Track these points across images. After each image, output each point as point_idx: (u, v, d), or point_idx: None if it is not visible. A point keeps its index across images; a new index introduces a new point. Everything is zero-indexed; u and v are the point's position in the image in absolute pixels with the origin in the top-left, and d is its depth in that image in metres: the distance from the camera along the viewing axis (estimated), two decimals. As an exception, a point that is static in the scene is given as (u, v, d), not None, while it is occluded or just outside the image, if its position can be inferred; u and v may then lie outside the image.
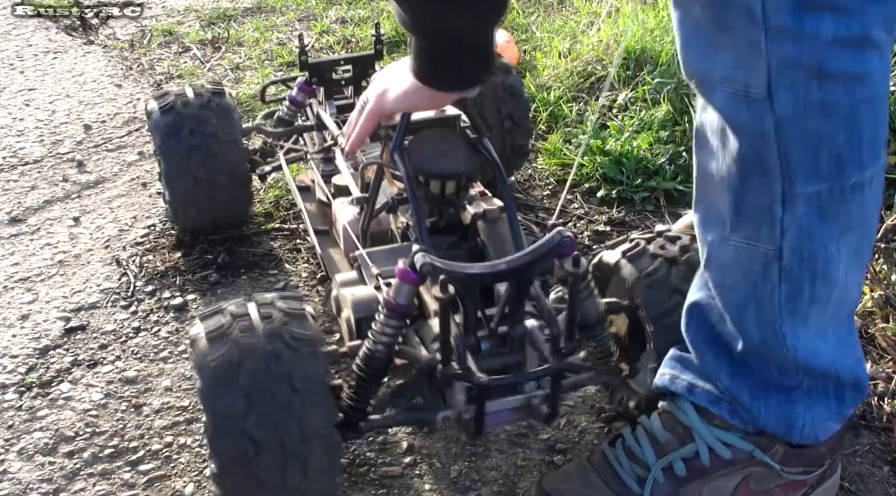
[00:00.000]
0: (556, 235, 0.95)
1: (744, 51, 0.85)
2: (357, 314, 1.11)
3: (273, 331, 0.98)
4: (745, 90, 0.87)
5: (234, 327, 0.99)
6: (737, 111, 0.89)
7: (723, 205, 0.96)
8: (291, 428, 0.96)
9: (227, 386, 0.96)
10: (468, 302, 0.97)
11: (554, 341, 0.98)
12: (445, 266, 0.93)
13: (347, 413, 1.04)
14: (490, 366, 1.01)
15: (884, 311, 1.44)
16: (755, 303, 0.97)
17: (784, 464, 1.04)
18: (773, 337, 0.97)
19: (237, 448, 0.96)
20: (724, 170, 0.94)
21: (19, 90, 2.66)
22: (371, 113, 1.18)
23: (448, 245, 1.22)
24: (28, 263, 1.77)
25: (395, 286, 0.98)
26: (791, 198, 0.90)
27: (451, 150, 1.17)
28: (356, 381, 1.03)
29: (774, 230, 0.92)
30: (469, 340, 0.98)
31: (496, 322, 1.01)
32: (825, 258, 0.93)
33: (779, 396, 1.01)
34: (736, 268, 0.97)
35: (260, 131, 1.77)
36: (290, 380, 0.97)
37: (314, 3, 3.21)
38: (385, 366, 1.02)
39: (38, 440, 1.32)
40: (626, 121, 2.09)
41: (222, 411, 0.96)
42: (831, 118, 0.87)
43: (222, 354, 0.97)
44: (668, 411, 1.08)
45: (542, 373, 1.01)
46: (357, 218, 1.32)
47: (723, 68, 0.88)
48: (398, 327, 1.00)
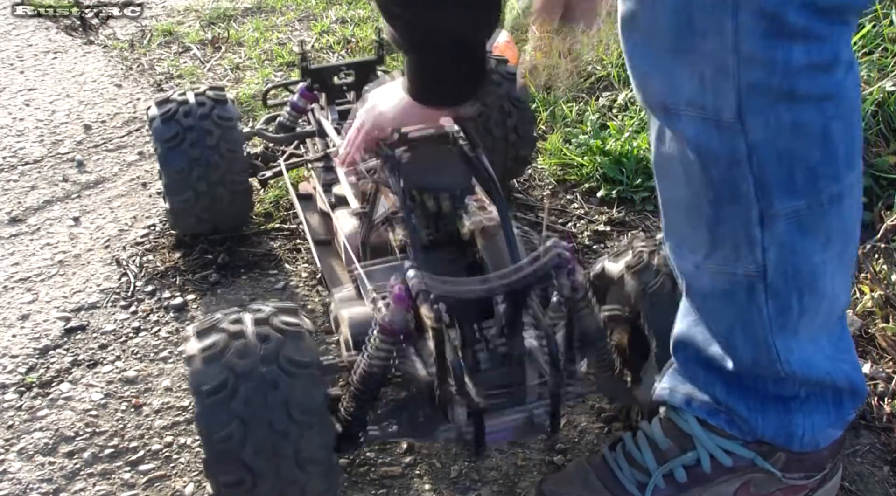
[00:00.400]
0: (553, 257, 0.95)
1: (711, 76, 0.83)
2: (355, 334, 1.10)
3: (270, 355, 0.96)
4: (714, 115, 0.85)
5: (229, 349, 0.97)
6: (706, 137, 0.86)
7: (694, 233, 0.94)
8: (288, 456, 0.95)
9: (223, 412, 0.94)
10: (464, 323, 0.97)
11: (553, 359, 0.98)
12: (438, 288, 0.93)
13: (345, 426, 1.04)
14: (489, 382, 1.00)
15: (884, 311, 1.44)
16: (742, 324, 0.96)
17: (785, 470, 1.04)
18: (766, 354, 0.96)
19: (233, 477, 0.95)
20: (693, 199, 0.91)
21: (19, 90, 2.66)
22: (366, 131, 1.19)
23: (447, 259, 1.21)
24: (28, 263, 1.77)
25: (390, 308, 0.98)
26: (769, 218, 0.89)
27: (446, 165, 1.17)
28: (353, 397, 1.03)
29: (755, 251, 0.91)
30: (467, 360, 0.97)
31: (494, 340, 1.00)
32: (811, 271, 0.92)
33: (776, 407, 1.00)
34: (716, 294, 0.96)
35: (261, 136, 1.77)
36: (288, 408, 0.95)
37: (314, 3, 3.21)
38: (380, 384, 1.02)
39: (38, 440, 1.32)
40: (626, 121, 2.09)
41: (218, 439, 0.94)
42: (804, 138, 0.85)
43: (218, 380, 0.95)
44: (669, 418, 1.08)
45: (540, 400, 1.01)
46: (356, 231, 1.32)
47: (689, 93, 0.85)
48: (391, 348, 0.99)
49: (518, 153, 1.77)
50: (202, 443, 0.96)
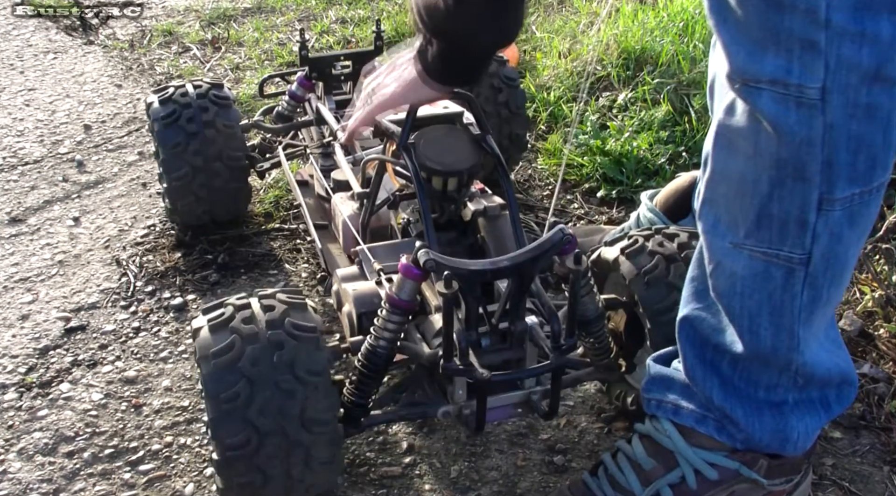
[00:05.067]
0: (557, 233, 0.96)
1: (798, 52, 0.82)
2: (359, 309, 1.11)
3: (275, 320, 0.99)
4: (797, 92, 0.83)
5: (236, 317, 0.99)
6: (784, 114, 0.85)
7: (740, 210, 0.92)
8: (294, 416, 0.96)
9: (230, 374, 0.96)
10: (470, 298, 0.97)
11: (554, 338, 0.99)
12: (448, 262, 0.94)
13: (349, 408, 1.05)
14: (490, 362, 1.01)
15: (884, 311, 1.44)
16: (771, 309, 0.94)
17: (768, 476, 1.04)
18: (787, 342, 0.95)
19: (240, 437, 0.96)
20: (752, 174, 0.90)
21: (19, 90, 2.66)
22: (374, 104, 1.16)
23: (448, 241, 1.22)
24: (28, 263, 1.77)
25: (398, 282, 0.98)
26: (828, 203, 0.87)
27: (453, 147, 1.17)
28: (358, 377, 1.03)
29: (804, 236, 0.89)
30: (470, 336, 0.98)
31: (497, 318, 1.01)
32: (844, 262, 0.92)
33: (771, 411, 1.00)
34: (749, 276, 0.94)
35: (258, 127, 1.77)
36: (293, 368, 0.97)
37: (314, 3, 3.21)
38: (387, 362, 1.02)
39: (38, 440, 1.32)
40: (626, 121, 2.09)
41: (224, 399, 0.95)
42: (874, 122, 0.84)
43: (224, 343, 0.97)
44: (648, 435, 1.07)
45: (543, 370, 1.01)
46: (357, 213, 1.32)
47: (774, 70, 0.83)
48: (401, 323, 1.00)
49: (512, 131, 1.78)
50: (207, 405, 0.97)
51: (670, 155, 1.94)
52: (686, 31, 2.47)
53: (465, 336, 0.96)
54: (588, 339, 1.10)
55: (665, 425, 1.06)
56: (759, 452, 1.03)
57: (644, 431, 1.08)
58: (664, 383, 1.06)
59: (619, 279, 1.16)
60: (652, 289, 1.11)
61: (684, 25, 2.49)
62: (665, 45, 2.36)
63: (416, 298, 1.00)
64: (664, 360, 1.08)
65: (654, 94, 2.17)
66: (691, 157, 1.94)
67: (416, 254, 0.95)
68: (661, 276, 1.11)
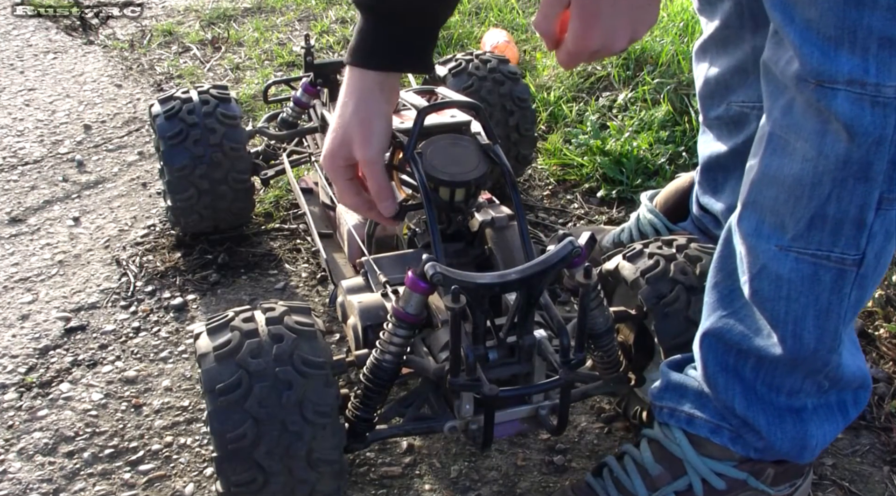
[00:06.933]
0: (567, 245, 0.94)
1: (875, 50, 0.80)
2: (364, 322, 1.09)
3: (284, 355, 0.96)
4: (874, 92, 0.82)
5: (243, 347, 0.96)
6: (860, 114, 0.83)
7: (791, 212, 0.90)
8: (301, 457, 0.95)
9: (236, 413, 0.94)
10: (478, 311, 0.95)
11: (564, 352, 0.97)
12: (456, 275, 0.92)
13: (354, 423, 1.03)
14: (498, 376, 0.99)
15: (884, 311, 1.44)
16: (817, 311, 0.92)
17: (774, 484, 1.04)
18: (829, 343, 0.93)
19: (245, 476, 0.95)
20: (811, 176, 0.88)
21: (19, 90, 2.66)
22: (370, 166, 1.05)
23: (454, 252, 1.21)
24: (28, 263, 1.77)
25: (405, 295, 0.97)
26: (888, 202, 0.86)
27: (461, 157, 1.15)
28: (363, 391, 1.02)
29: (860, 236, 0.88)
30: (478, 350, 0.97)
31: (505, 332, 1.00)
32: (886, 262, 0.91)
33: (792, 418, 0.99)
34: (795, 279, 0.91)
35: (263, 134, 1.77)
36: (302, 409, 0.95)
37: (314, 3, 3.21)
38: (393, 375, 1.01)
39: (38, 440, 1.32)
40: (626, 121, 2.09)
41: (231, 439, 0.94)
42: None
43: (231, 379, 0.95)
44: (657, 441, 1.06)
45: (552, 385, 0.99)
46: (362, 222, 1.31)
47: (850, 70, 0.82)
48: (407, 337, 0.98)
49: (519, 152, 1.77)
50: (214, 442, 0.96)
51: (670, 155, 1.94)
52: (686, 31, 2.47)
53: (472, 350, 0.95)
54: (597, 353, 1.08)
55: (675, 433, 1.05)
56: (768, 461, 1.02)
57: (652, 436, 1.07)
58: (678, 391, 1.05)
59: (628, 292, 1.14)
60: (670, 321, 1.09)
61: (684, 25, 2.50)
62: (665, 45, 2.36)
63: (423, 312, 0.98)
64: (678, 366, 1.07)
65: (654, 94, 2.17)
66: (691, 157, 1.94)
67: (423, 267, 0.93)
68: (681, 308, 1.09)
